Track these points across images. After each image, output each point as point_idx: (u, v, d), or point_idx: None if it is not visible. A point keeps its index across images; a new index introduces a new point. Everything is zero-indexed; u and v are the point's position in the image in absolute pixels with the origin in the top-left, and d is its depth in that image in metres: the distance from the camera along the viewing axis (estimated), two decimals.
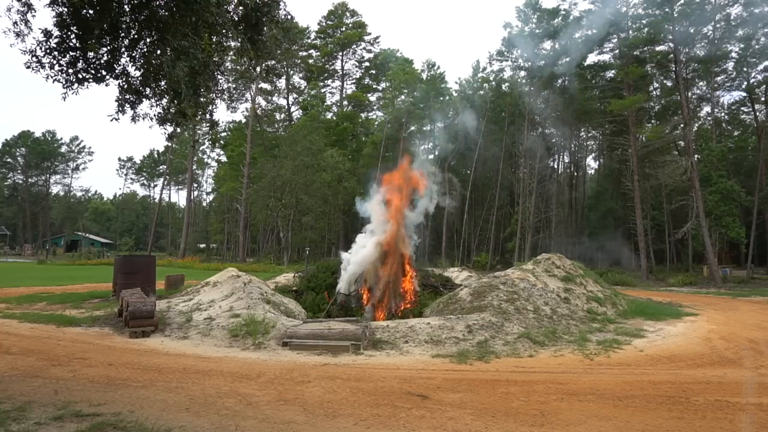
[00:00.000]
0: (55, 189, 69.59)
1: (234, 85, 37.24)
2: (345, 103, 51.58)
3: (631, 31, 30.71)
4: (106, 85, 5.21)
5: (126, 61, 5.18)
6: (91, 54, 4.92)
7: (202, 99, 5.55)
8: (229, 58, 6.50)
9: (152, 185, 76.98)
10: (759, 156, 31.23)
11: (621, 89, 31.38)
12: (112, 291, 12.89)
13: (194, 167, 55.67)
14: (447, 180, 33.09)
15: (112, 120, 5.28)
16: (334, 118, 47.66)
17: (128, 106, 5.35)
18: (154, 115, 5.60)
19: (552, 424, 4.45)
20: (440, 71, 42.59)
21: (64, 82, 4.89)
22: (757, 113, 34.31)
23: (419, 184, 13.65)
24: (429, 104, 38.84)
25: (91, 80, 5.05)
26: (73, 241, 58.49)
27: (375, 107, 52.19)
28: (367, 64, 51.08)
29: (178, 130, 6.27)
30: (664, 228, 32.45)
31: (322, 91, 49.76)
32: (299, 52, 48.72)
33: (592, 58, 35.81)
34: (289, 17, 5.78)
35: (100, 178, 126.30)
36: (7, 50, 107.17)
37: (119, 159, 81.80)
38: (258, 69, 28.21)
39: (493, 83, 40.56)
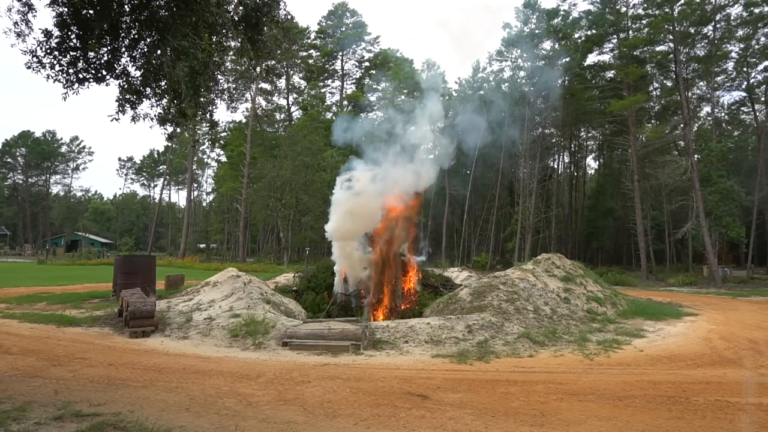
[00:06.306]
0: (55, 189, 69.69)
1: (234, 85, 37.23)
2: (345, 103, 51.55)
3: (631, 31, 30.72)
4: (107, 85, 5.22)
5: (126, 61, 5.19)
6: (91, 54, 4.93)
7: (202, 99, 5.55)
8: (229, 58, 6.50)
9: (152, 185, 77.02)
10: (759, 156, 31.23)
11: (621, 89, 31.38)
12: (112, 291, 12.89)
13: (194, 167, 55.62)
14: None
15: (112, 120, 5.30)
16: (334, 118, 47.64)
17: (128, 106, 5.36)
18: (155, 115, 5.60)
19: (552, 424, 4.45)
20: (440, 71, 42.58)
21: (64, 82, 4.90)
22: (757, 113, 34.33)
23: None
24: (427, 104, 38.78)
25: (91, 80, 5.05)
26: (73, 241, 58.43)
27: (375, 107, 52.18)
28: (367, 64, 51.07)
29: (178, 130, 6.27)
30: (664, 228, 32.45)
31: (322, 91, 49.72)
32: (299, 52, 48.65)
33: (592, 58, 35.88)
34: (289, 17, 5.78)
35: (100, 178, 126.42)
36: (8, 50, 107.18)
37: (119, 159, 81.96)
38: (258, 69, 28.21)
39: (493, 83, 40.55)
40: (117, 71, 5.15)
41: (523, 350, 7.43)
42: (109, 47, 4.99)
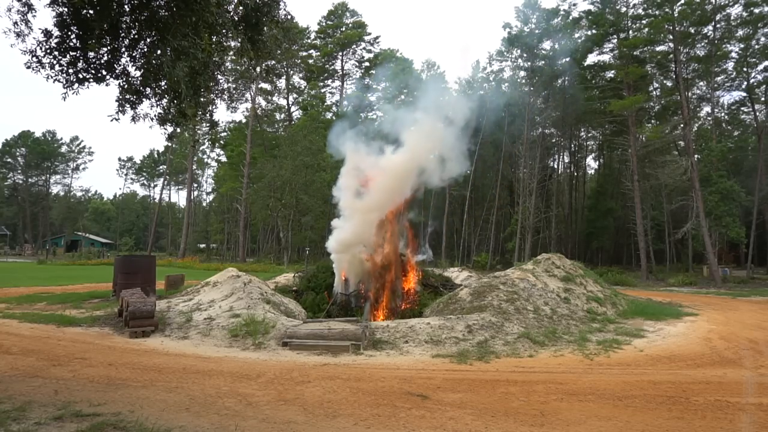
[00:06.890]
0: (55, 189, 69.61)
1: (234, 85, 37.24)
2: (345, 103, 51.53)
3: (631, 31, 30.73)
4: (107, 85, 5.22)
5: (126, 61, 5.18)
6: (91, 54, 4.93)
7: (202, 99, 5.55)
8: (229, 58, 6.51)
9: (152, 185, 77.00)
10: (759, 156, 31.23)
11: (621, 89, 31.38)
12: (112, 291, 12.89)
13: (194, 167, 55.60)
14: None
15: (112, 120, 5.29)
16: (334, 118, 47.63)
17: (128, 106, 5.35)
18: (155, 115, 5.60)
19: (552, 424, 4.45)
20: (440, 71, 42.63)
21: (64, 82, 4.89)
22: (757, 113, 34.32)
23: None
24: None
25: (91, 80, 5.05)
26: (73, 241, 58.44)
27: (375, 107, 52.19)
28: (367, 64, 51.06)
29: (178, 130, 6.27)
30: (664, 228, 32.46)
31: (322, 91, 49.71)
32: (299, 52, 48.63)
33: (592, 58, 35.87)
34: (289, 17, 5.78)
35: (100, 178, 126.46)
36: (8, 50, 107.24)
37: (119, 159, 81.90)
38: (258, 69, 28.18)
39: (493, 83, 40.56)
40: (117, 71, 5.15)
41: (523, 350, 7.43)
42: (109, 47, 4.98)
